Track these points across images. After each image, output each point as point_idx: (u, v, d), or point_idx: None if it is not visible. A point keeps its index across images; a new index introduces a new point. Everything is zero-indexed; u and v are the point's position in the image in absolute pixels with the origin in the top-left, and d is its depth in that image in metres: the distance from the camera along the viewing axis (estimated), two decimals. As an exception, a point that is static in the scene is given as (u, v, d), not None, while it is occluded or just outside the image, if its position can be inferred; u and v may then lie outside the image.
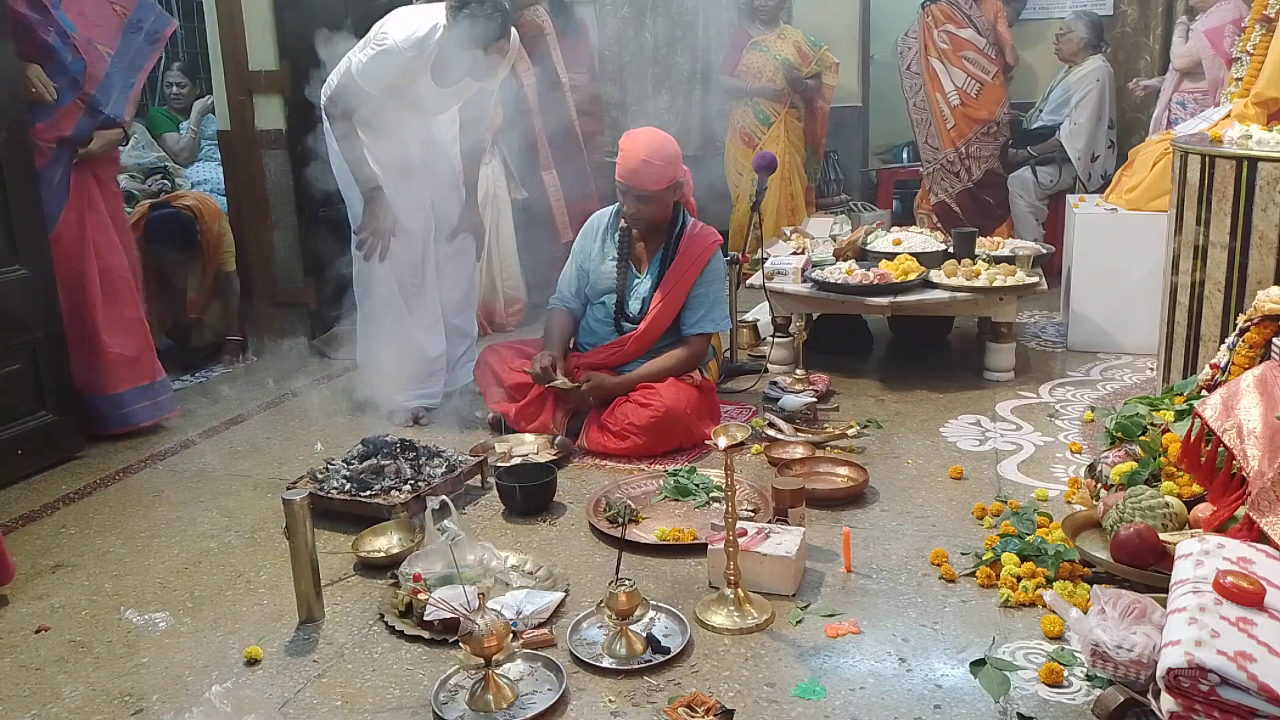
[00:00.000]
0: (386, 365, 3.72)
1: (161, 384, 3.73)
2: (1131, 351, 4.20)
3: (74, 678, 2.14)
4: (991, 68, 5.48)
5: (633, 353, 3.41)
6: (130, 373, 3.62)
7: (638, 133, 3.35)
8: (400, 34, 3.31)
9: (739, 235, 5.54)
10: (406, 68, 3.35)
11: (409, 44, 3.30)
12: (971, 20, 5.48)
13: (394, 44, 3.31)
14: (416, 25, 3.33)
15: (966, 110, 5.53)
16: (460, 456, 3.06)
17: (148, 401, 3.67)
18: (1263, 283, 2.83)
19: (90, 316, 3.52)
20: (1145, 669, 1.76)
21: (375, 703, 2.00)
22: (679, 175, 3.36)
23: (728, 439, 2.11)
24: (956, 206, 5.64)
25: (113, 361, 3.56)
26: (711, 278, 3.44)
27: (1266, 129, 3.04)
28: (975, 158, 5.59)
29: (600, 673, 2.06)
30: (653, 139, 3.30)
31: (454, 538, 2.30)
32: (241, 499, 3.08)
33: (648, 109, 6.85)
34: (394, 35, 3.31)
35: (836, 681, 2.01)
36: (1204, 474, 2.31)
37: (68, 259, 3.46)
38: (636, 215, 3.35)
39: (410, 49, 3.31)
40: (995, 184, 5.65)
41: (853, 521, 2.71)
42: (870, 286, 3.84)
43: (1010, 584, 2.29)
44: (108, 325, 3.56)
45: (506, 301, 5.08)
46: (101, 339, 3.54)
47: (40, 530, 2.91)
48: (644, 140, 3.29)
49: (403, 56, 3.31)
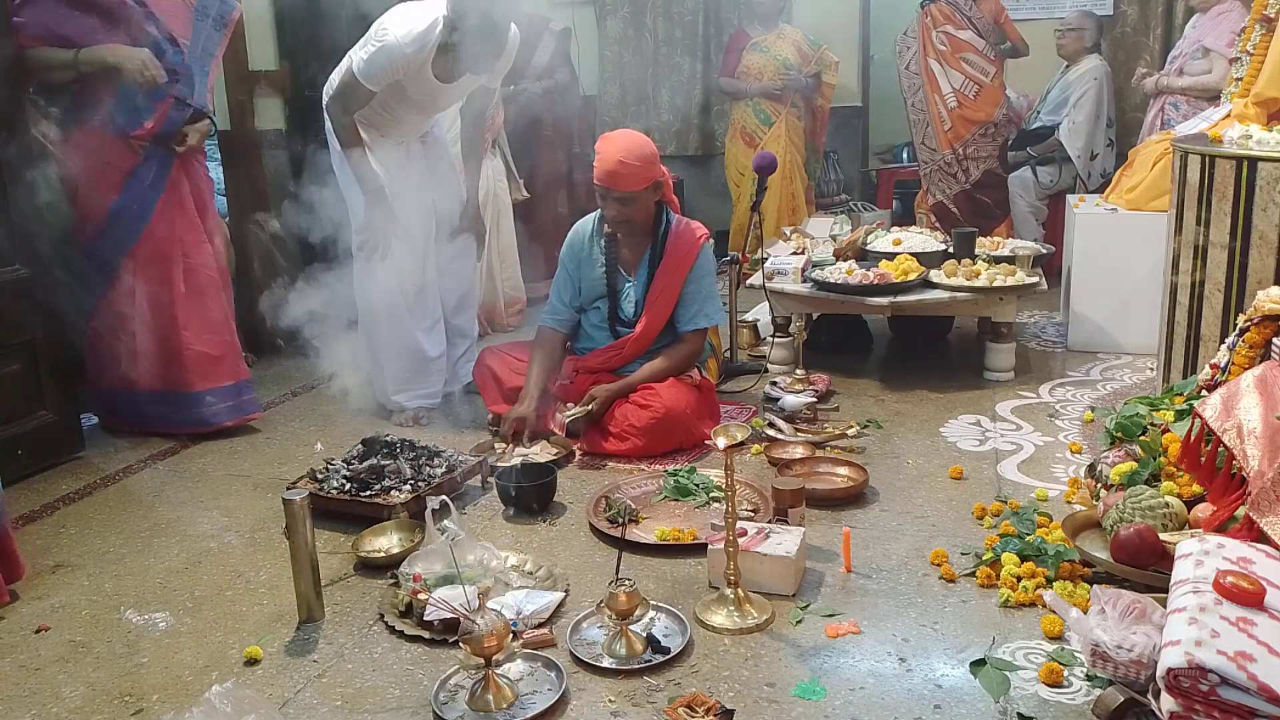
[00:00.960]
0: (387, 365, 3.72)
1: (244, 385, 3.70)
2: (1131, 351, 4.20)
3: (74, 678, 2.14)
4: (990, 69, 5.45)
5: (631, 355, 3.41)
6: (212, 371, 3.59)
7: (613, 135, 3.35)
8: (400, 29, 3.31)
9: (739, 235, 5.55)
10: (408, 63, 3.34)
11: (409, 39, 3.30)
12: (971, 21, 5.44)
13: (394, 40, 3.30)
14: (416, 20, 3.32)
15: (964, 112, 5.50)
16: (460, 456, 3.06)
17: (230, 401, 3.64)
18: (1263, 283, 2.83)
19: (172, 313, 3.51)
20: (1145, 669, 1.76)
21: (375, 703, 2.00)
22: (657, 175, 3.33)
23: (728, 439, 2.11)
24: (954, 208, 5.62)
25: (193, 360, 3.55)
26: (701, 273, 3.43)
27: (1266, 129, 3.03)
28: (973, 159, 5.57)
29: (600, 673, 2.06)
30: (628, 140, 3.29)
31: (454, 538, 2.30)
32: (241, 499, 3.08)
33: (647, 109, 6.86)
34: (394, 31, 3.31)
35: (836, 681, 2.01)
36: (1204, 474, 2.31)
37: (156, 258, 3.48)
38: (617, 218, 3.33)
39: (410, 44, 3.30)
40: (993, 184, 5.63)
41: (853, 521, 2.71)
42: (870, 286, 3.84)
43: (1010, 584, 2.29)
44: (190, 323, 3.54)
45: (506, 301, 5.08)
46: (183, 336, 3.53)
47: (40, 530, 2.91)
48: (620, 142, 3.28)
49: (403, 52, 3.30)
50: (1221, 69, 4.67)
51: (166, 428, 3.59)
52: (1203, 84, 4.76)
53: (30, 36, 3.29)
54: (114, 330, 3.52)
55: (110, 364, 3.56)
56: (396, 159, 3.64)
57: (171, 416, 3.58)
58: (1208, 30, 4.79)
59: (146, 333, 3.51)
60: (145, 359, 3.53)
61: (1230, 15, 4.72)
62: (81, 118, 3.36)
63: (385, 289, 3.64)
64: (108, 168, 3.39)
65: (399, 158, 3.65)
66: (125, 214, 3.43)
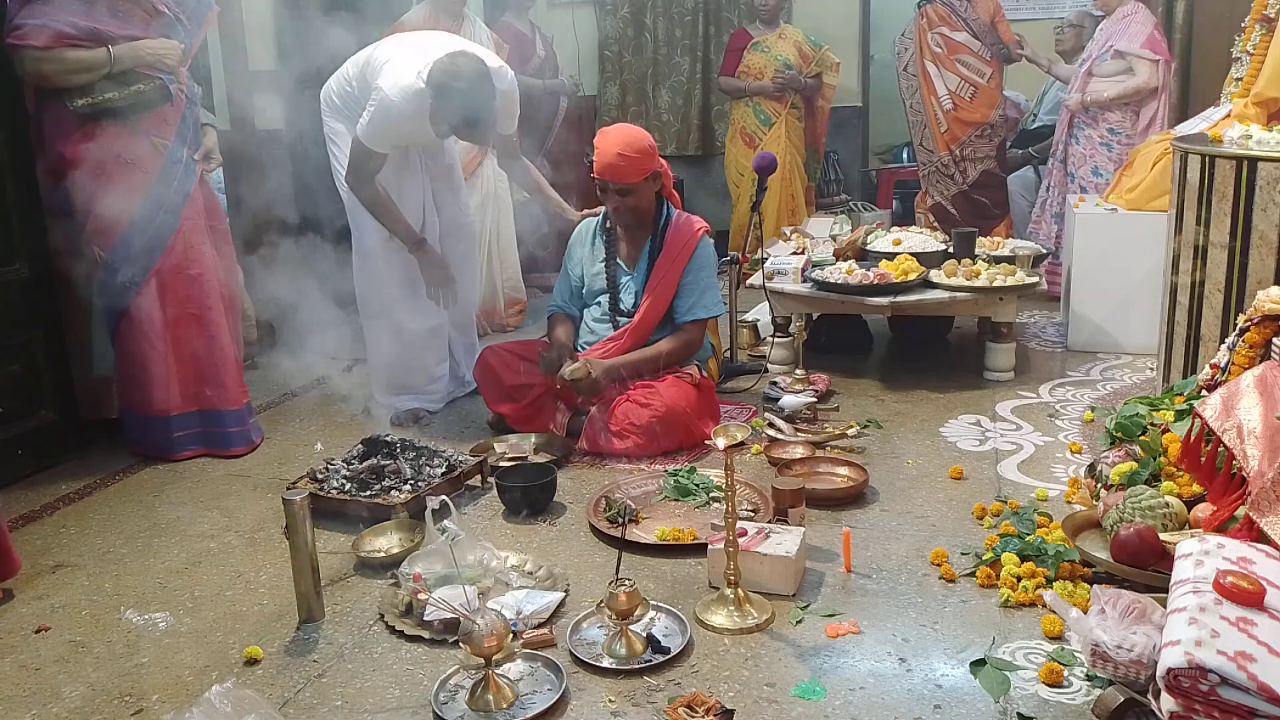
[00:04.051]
0: (387, 366, 3.72)
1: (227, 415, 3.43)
2: (1131, 351, 4.19)
3: (74, 678, 2.14)
4: (986, 70, 5.45)
5: (629, 345, 3.43)
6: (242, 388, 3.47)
7: (610, 129, 3.42)
8: (393, 89, 3.27)
9: (739, 235, 5.55)
10: (407, 121, 3.34)
11: (403, 99, 3.27)
12: (967, 23, 5.45)
13: (388, 101, 3.27)
14: (405, 75, 3.28)
15: (959, 114, 5.51)
16: (460, 456, 3.06)
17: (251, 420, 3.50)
18: (1263, 283, 2.83)
19: (207, 330, 3.36)
20: (1145, 669, 1.76)
21: (375, 703, 2.00)
22: (656, 166, 3.40)
23: (728, 439, 2.11)
24: (953, 209, 5.63)
25: (231, 375, 3.42)
26: (700, 264, 3.47)
27: (1266, 129, 3.03)
28: (970, 160, 5.58)
29: (600, 673, 2.06)
30: (626, 134, 3.37)
31: (454, 538, 2.30)
32: (241, 499, 3.08)
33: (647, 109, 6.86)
34: (387, 91, 3.28)
35: (836, 681, 2.01)
36: (1204, 474, 2.31)
37: (179, 271, 3.30)
38: (619, 209, 3.40)
39: (406, 104, 3.27)
40: (991, 185, 5.64)
41: (853, 521, 2.71)
42: (870, 286, 3.84)
43: (1010, 584, 2.28)
44: (220, 339, 3.40)
45: (507, 302, 5.08)
46: (219, 352, 3.38)
47: (40, 530, 2.91)
48: (617, 136, 3.35)
49: (401, 112, 3.29)
50: (1145, 70, 4.73)
51: (204, 449, 3.42)
52: (1131, 88, 4.78)
53: (56, 35, 3.04)
54: (142, 350, 3.30)
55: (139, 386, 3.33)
56: (395, 163, 3.64)
57: (214, 435, 3.42)
58: (1118, 34, 4.83)
59: (177, 350, 3.34)
60: (178, 378, 3.35)
61: (1136, 16, 4.79)
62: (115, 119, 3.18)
63: (386, 290, 3.64)
64: (132, 169, 3.20)
65: (397, 161, 3.65)
66: (150, 224, 3.24)
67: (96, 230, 3.22)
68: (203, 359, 3.38)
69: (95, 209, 3.18)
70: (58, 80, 3.11)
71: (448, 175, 3.83)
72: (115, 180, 3.17)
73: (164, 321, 3.31)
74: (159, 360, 3.32)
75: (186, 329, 3.35)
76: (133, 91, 3.15)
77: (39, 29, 3.04)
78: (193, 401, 3.39)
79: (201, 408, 3.40)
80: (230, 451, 3.42)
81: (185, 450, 3.39)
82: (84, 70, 3.10)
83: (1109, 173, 4.83)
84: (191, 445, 3.41)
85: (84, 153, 3.15)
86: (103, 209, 3.17)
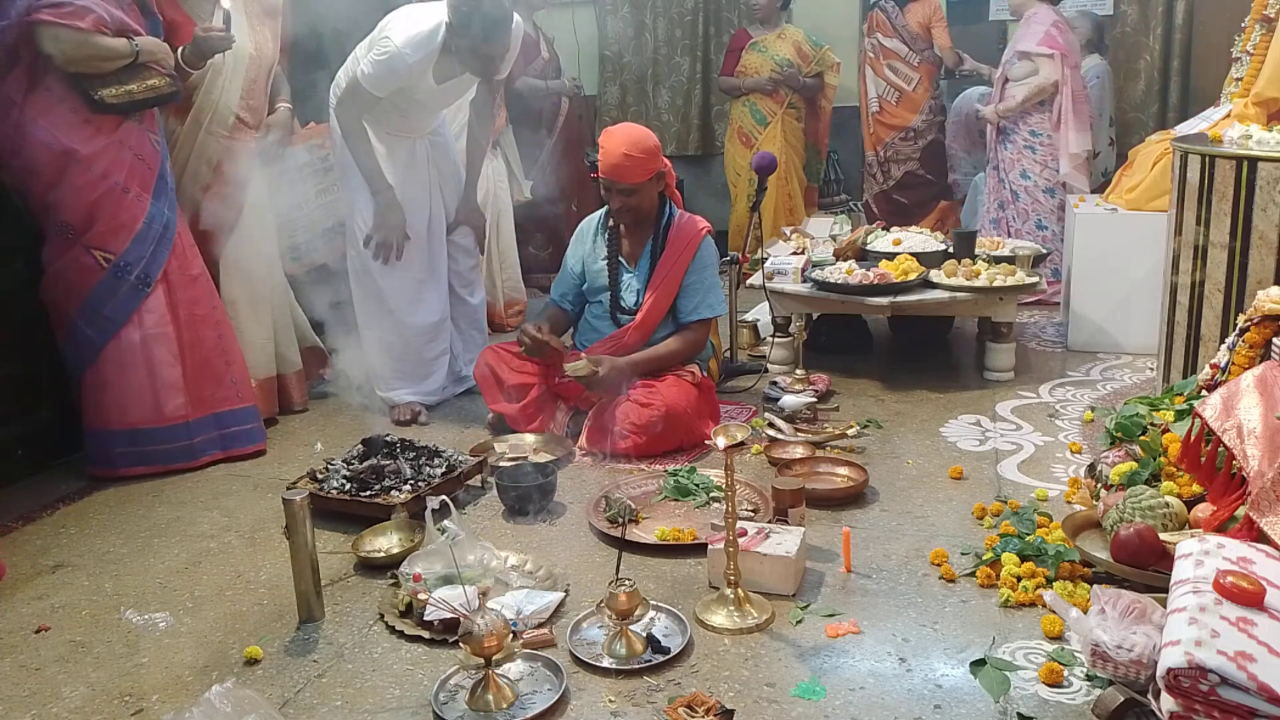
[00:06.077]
0: (386, 363, 3.72)
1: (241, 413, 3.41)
2: (1131, 351, 4.19)
3: (74, 678, 2.14)
4: (914, 76, 5.66)
5: (632, 344, 3.43)
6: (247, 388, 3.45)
7: (615, 129, 3.42)
8: (402, 37, 3.31)
9: (739, 235, 5.55)
10: (410, 71, 3.36)
11: (412, 47, 3.31)
12: (898, 30, 5.62)
13: (397, 49, 3.30)
14: (419, 26, 3.33)
15: (883, 117, 5.76)
16: (460, 456, 3.06)
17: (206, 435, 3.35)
18: (1263, 283, 2.83)
19: (215, 330, 3.34)
20: (1145, 669, 1.76)
21: (375, 703, 2.00)
22: (660, 166, 3.41)
23: (728, 439, 2.11)
24: (875, 207, 5.90)
25: (240, 374, 3.41)
26: (703, 264, 3.47)
27: (1266, 129, 3.03)
28: (894, 160, 5.82)
29: (600, 673, 2.06)
30: (632, 134, 3.37)
31: (454, 538, 2.30)
32: (241, 499, 3.08)
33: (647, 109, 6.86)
34: (396, 39, 3.31)
35: (836, 681, 2.01)
36: (1204, 474, 2.31)
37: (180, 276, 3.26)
38: (623, 209, 3.41)
39: (414, 53, 3.31)
40: (914, 184, 5.86)
41: (853, 521, 2.71)
42: (870, 286, 3.84)
43: (1010, 584, 2.29)
44: (227, 338, 3.39)
45: (506, 302, 5.08)
46: (230, 353, 3.38)
47: (40, 530, 2.91)
48: (622, 136, 3.35)
49: (406, 61, 3.32)
50: (1046, 67, 4.78)
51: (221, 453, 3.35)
52: (1035, 87, 4.83)
53: (98, 20, 2.97)
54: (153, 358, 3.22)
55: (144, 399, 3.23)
56: (404, 158, 3.65)
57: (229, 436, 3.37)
58: (1022, 36, 4.92)
59: (192, 353, 3.29)
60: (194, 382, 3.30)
61: (1036, 16, 4.87)
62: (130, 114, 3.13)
63: (384, 286, 3.64)
64: (143, 165, 3.16)
65: (406, 157, 3.66)
66: (158, 220, 3.20)
67: (108, 230, 3.11)
68: (214, 359, 3.35)
69: (105, 208, 3.10)
70: (85, 65, 3.00)
71: (454, 175, 3.85)
72: (132, 176, 3.13)
73: (176, 325, 3.26)
74: (173, 366, 3.25)
75: (198, 330, 3.32)
76: (149, 86, 3.14)
77: (84, 10, 2.96)
78: (207, 405, 3.33)
79: (216, 410, 3.35)
80: (247, 450, 3.38)
81: (204, 456, 3.31)
82: (113, 58, 3.03)
83: (1036, 174, 4.96)
84: (211, 450, 3.33)
85: (98, 147, 3.07)
86: (115, 208, 3.10)
